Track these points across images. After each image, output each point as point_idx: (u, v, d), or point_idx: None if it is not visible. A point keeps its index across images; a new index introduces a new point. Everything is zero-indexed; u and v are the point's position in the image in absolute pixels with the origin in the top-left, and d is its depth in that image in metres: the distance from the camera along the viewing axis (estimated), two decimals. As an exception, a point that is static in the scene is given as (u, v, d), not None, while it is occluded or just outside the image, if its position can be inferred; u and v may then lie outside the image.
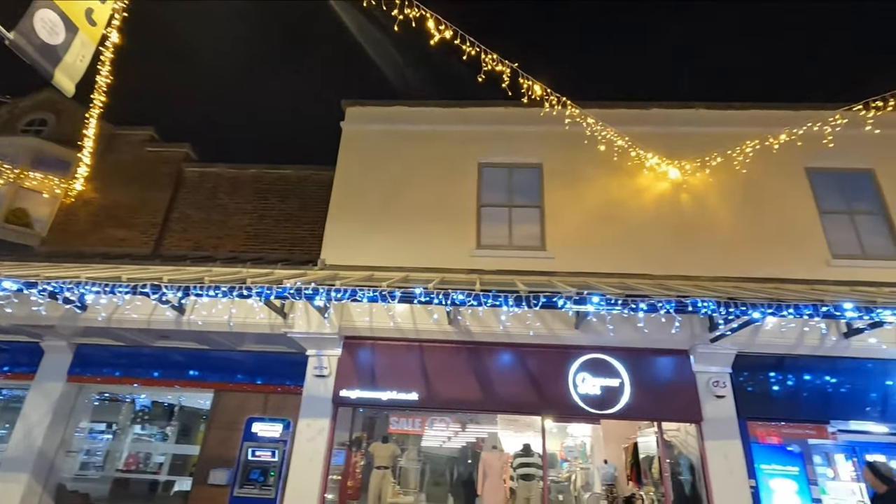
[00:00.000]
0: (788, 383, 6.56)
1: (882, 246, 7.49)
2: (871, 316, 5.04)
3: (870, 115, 6.51)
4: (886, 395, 6.35)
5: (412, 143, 8.51)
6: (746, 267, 7.17)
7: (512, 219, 7.96)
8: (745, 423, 6.26)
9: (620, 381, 6.38)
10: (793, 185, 7.76)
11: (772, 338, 6.33)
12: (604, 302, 4.98)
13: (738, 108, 8.28)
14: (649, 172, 7.80)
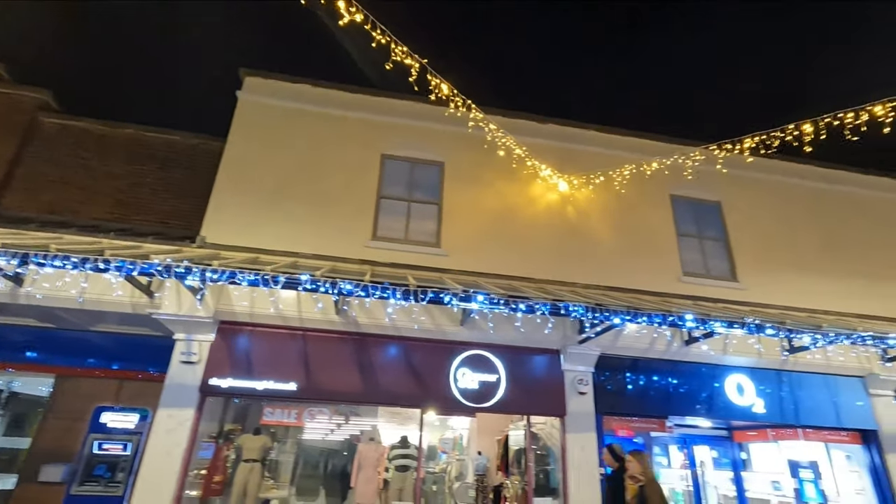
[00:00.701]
0: (640, 383, 7.38)
1: (722, 268, 8.75)
2: (706, 327, 5.88)
3: (722, 155, 7.57)
4: (713, 395, 7.42)
5: (315, 126, 8.18)
6: (615, 277, 7.95)
7: (410, 214, 8.01)
8: (601, 418, 6.94)
9: (498, 376, 6.72)
10: (658, 209, 8.76)
11: (629, 342, 7.10)
12: (487, 301, 5.22)
13: (622, 133, 9.13)
14: (542, 183, 8.32)
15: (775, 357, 7.42)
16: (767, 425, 7.74)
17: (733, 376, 7.48)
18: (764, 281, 8.56)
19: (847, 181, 9.88)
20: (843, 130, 6.56)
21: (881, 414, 7.63)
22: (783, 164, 9.51)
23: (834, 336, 6.14)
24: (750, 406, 7.40)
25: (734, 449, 8.46)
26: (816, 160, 9.50)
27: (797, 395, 7.57)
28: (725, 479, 8.46)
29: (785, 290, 8.54)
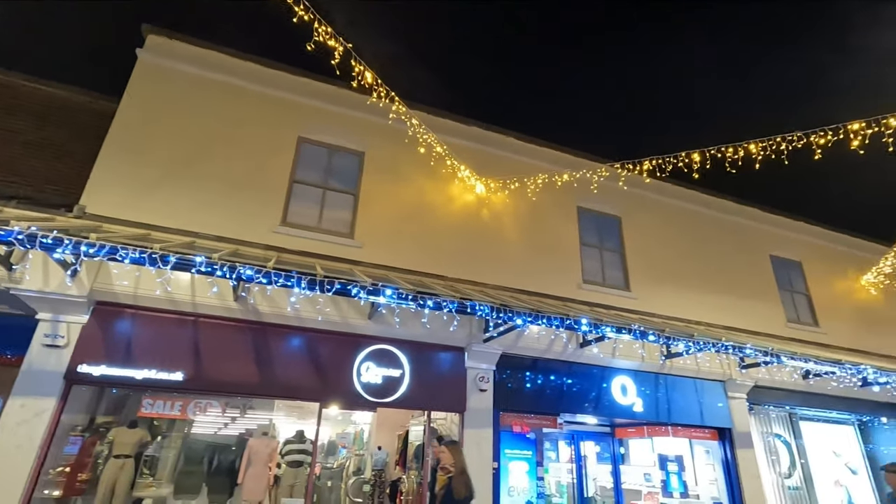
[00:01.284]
0: (538, 382, 7.76)
1: (617, 278, 9.48)
2: (598, 331, 6.34)
3: (624, 174, 8.20)
4: (600, 394, 8.01)
5: (226, 98, 7.62)
6: (522, 280, 8.30)
7: (325, 201, 7.75)
8: (499, 414, 7.21)
9: (402, 371, 6.72)
10: (565, 218, 9.29)
11: (530, 342, 7.44)
12: (396, 295, 5.19)
13: (539, 144, 9.53)
14: (459, 183, 8.46)
15: (655, 361, 8.19)
16: (644, 423, 8.49)
17: (619, 378, 8.13)
18: (651, 292, 9.41)
19: (722, 208, 11.15)
20: (725, 163, 7.39)
21: (735, 414, 8.72)
22: (673, 187, 10.51)
23: (703, 344, 6.91)
24: (631, 405, 8.09)
25: (615, 444, 9.20)
26: (701, 187, 10.64)
27: (670, 396, 8.42)
28: (605, 472, 9.18)
29: (668, 301, 9.45)
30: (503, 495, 6.97)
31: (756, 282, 10.85)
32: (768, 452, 9.25)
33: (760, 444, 9.17)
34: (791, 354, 7.56)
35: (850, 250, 12.81)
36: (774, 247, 11.59)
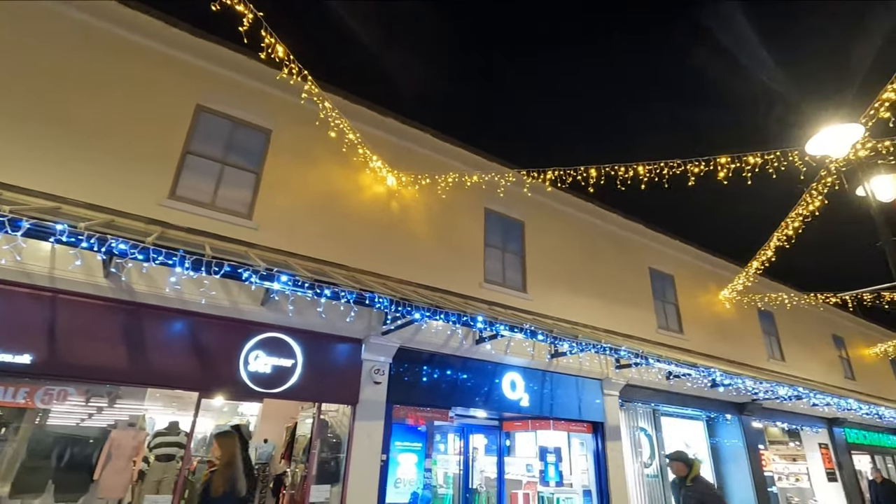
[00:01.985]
0: (434, 376, 7.89)
1: (516, 280, 9.95)
2: (493, 329, 6.60)
3: (529, 181, 8.63)
4: (491, 390, 8.35)
5: (110, 48, 6.79)
6: (426, 276, 8.40)
7: (222, 178, 7.22)
8: (392, 407, 7.23)
9: (294, 361, 6.48)
10: (473, 218, 9.57)
11: (428, 337, 7.56)
12: (291, 282, 4.99)
13: (453, 143, 9.70)
14: (371, 173, 8.34)
15: (543, 359, 8.73)
16: (529, 417, 9.02)
17: (509, 374, 8.54)
18: (545, 294, 10.01)
19: (612, 221, 12.19)
20: (617, 180, 8.07)
21: (608, 410, 9.58)
22: (572, 198, 11.26)
23: (585, 345, 7.50)
24: (519, 400, 8.55)
25: (502, 437, 9.67)
26: (597, 200, 11.53)
27: (554, 392, 9.02)
28: (491, 464, 9.62)
29: (559, 303, 10.12)
30: (390, 487, 7.01)
31: (636, 291, 12.00)
32: (633, 444, 10.30)
33: (627, 436, 10.18)
34: (658, 357, 8.48)
35: (713, 268, 14.67)
36: (653, 260, 12.91)
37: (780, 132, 28.52)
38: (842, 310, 18.66)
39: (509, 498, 8.99)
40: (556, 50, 46.57)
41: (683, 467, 5.09)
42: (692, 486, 4.92)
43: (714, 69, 44.73)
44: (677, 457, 5.29)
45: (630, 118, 44.41)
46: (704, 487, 4.91)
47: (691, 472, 5.05)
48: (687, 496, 4.91)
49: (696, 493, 4.85)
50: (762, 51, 38.47)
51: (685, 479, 5.04)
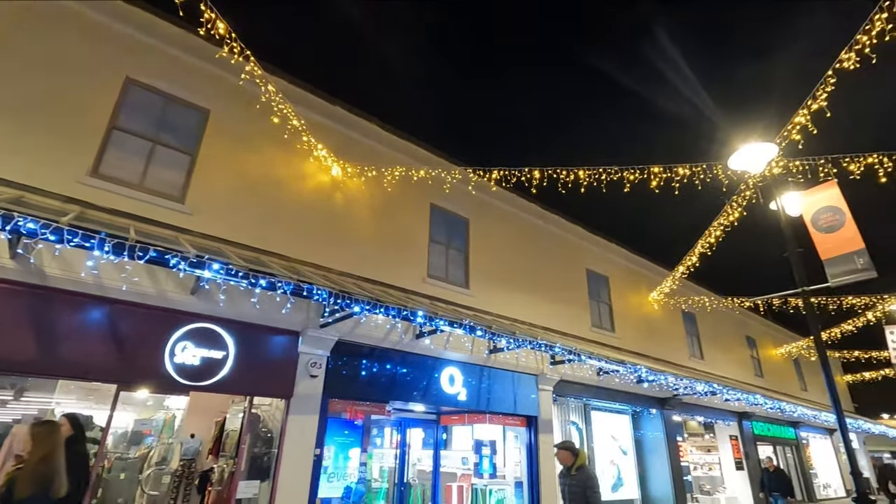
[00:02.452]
0: (373, 370, 7.83)
1: (459, 276, 10.07)
2: (433, 324, 6.66)
3: (474, 178, 8.74)
4: (430, 384, 8.42)
5: (32, 14, 6.18)
6: (369, 269, 8.32)
7: (153, 157, 6.78)
8: (328, 401, 7.12)
9: (225, 353, 6.22)
10: (418, 213, 9.57)
11: (368, 331, 7.50)
12: (224, 271, 4.79)
13: (401, 136, 9.63)
14: (314, 162, 8.13)
15: (481, 355, 8.90)
16: (466, 411, 9.18)
17: (448, 369, 8.65)
18: (487, 291, 10.20)
19: (553, 223, 12.60)
20: (559, 183, 8.34)
21: (542, 404, 9.92)
22: (516, 198, 11.53)
23: (522, 341, 7.72)
24: (456, 395, 8.67)
25: (439, 430, 9.78)
26: (539, 201, 11.87)
27: (491, 386, 9.23)
28: (427, 457, 9.70)
29: (500, 300, 10.35)
30: (323, 482, 6.91)
31: (573, 290, 12.49)
32: (564, 437, 10.74)
33: (559, 430, 10.60)
34: (590, 354, 8.88)
35: (644, 271, 15.53)
36: (590, 262, 13.48)
37: (708, 148, 30.64)
38: (754, 313, 20.39)
39: (443, 490, 9.12)
40: (513, 53, 47.40)
41: (570, 456, 5.11)
42: (576, 475, 4.96)
43: (651, 90, 47.50)
44: (565, 446, 5.29)
45: (576, 128, 46.13)
46: (587, 477, 4.92)
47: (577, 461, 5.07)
48: (571, 485, 4.93)
49: (579, 483, 4.87)
50: (694, 75, 41.34)
51: (570, 468, 5.06)
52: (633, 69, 51.92)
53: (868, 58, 5.55)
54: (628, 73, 51.05)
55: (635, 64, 51.76)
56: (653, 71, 50.22)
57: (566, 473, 5.09)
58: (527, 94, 45.15)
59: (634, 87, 49.30)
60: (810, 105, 6.54)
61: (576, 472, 4.97)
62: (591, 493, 4.80)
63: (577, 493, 4.84)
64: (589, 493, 4.80)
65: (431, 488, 9.31)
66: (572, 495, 4.90)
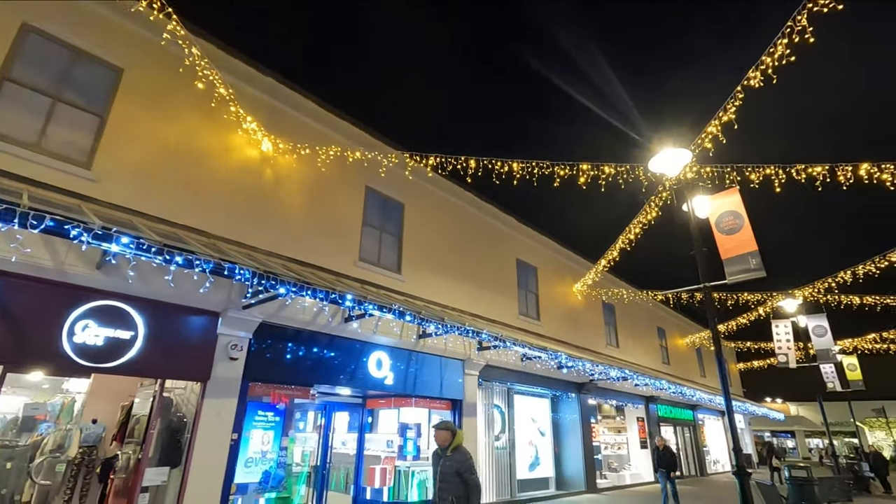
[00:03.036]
0: (299, 353, 7.65)
1: (392, 261, 10.03)
2: (362, 308, 6.60)
3: (411, 163, 8.70)
4: (357, 368, 8.37)
5: None
6: (298, 250, 8.07)
7: (53, 115, 6.11)
8: (248, 384, 6.88)
9: (134, 334, 5.81)
10: (353, 195, 9.39)
11: (294, 313, 7.30)
12: (134, 245, 4.45)
13: (337, 115, 9.35)
14: (243, 135, 7.71)
15: (410, 339, 8.97)
16: (393, 395, 9.24)
17: (376, 353, 8.64)
18: (419, 277, 10.26)
19: (487, 212, 12.88)
20: (493, 174, 8.51)
21: (467, 388, 10.21)
22: (452, 185, 11.63)
23: (450, 327, 7.86)
24: (384, 379, 8.70)
25: (364, 414, 9.78)
26: (474, 190, 12.06)
27: (419, 371, 9.35)
28: (352, 440, 9.69)
29: (431, 286, 10.45)
30: (240, 467, 6.70)
31: (503, 279, 12.87)
32: (487, 420, 11.14)
33: (483, 413, 10.97)
34: (515, 341, 9.23)
35: (571, 263, 16.31)
36: (521, 252, 13.94)
37: (632, 150, 32.56)
38: (665, 306, 22.11)
39: (367, 473, 9.17)
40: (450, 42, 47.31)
41: (448, 436, 4.80)
42: (452, 455, 4.63)
43: (583, 94, 49.43)
44: (445, 426, 4.92)
45: (511, 123, 47.12)
46: (463, 458, 4.60)
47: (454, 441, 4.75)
48: (445, 466, 4.60)
49: (454, 463, 4.56)
50: (621, 84, 43.62)
51: (446, 448, 4.74)
52: (567, 74, 53.75)
53: (770, 77, 6.14)
54: (563, 76, 52.83)
55: (570, 69, 53.68)
56: (586, 77, 52.33)
57: (441, 454, 4.75)
58: (461, 87, 45.33)
59: (567, 88, 50.99)
60: (721, 117, 7.13)
61: (452, 453, 4.65)
62: (469, 474, 4.51)
63: (451, 474, 4.52)
64: (466, 475, 4.51)
65: (355, 471, 9.33)
66: (445, 476, 4.56)
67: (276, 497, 7.06)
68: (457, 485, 4.48)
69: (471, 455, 4.71)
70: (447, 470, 4.55)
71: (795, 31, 5.70)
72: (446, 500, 4.44)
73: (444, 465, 4.60)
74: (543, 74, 54.69)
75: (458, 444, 4.74)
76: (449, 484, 4.49)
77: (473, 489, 4.49)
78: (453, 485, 4.48)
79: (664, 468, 11.22)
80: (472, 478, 4.51)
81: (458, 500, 4.40)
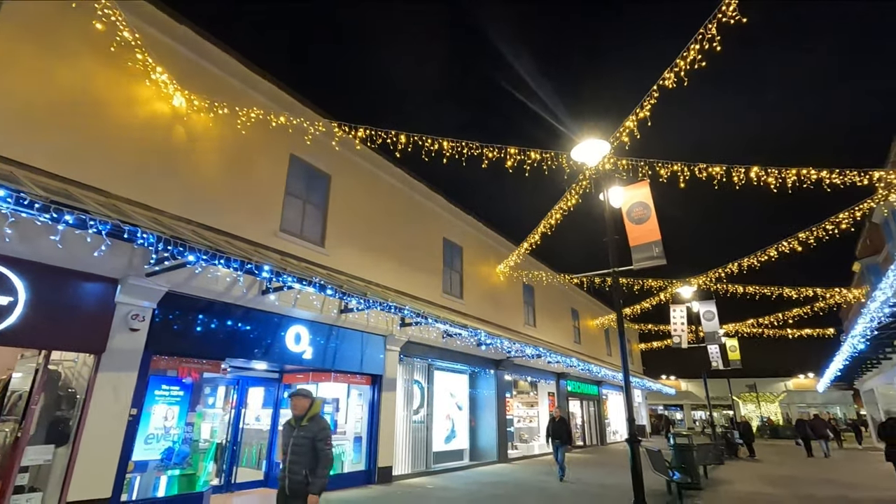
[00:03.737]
0: (211, 325, 7.25)
1: (315, 234, 9.72)
2: (280, 280, 6.37)
3: (339, 133, 8.42)
4: (275, 342, 8.11)
5: None
6: (213, 217, 7.57)
7: None
8: (151, 357, 6.44)
9: (13, 299, 5.19)
10: (275, 163, 8.94)
11: (206, 283, 6.89)
12: (13, 199, 3.96)
13: (263, 76, 8.75)
14: (152, 87, 7.02)
15: (331, 314, 8.83)
16: (312, 369, 9.09)
17: (295, 327, 8.42)
18: (343, 251, 10.06)
19: (416, 189, 12.85)
20: (423, 150, 8.47)
21: (388, 364, 10.28)
22: (381, 160, 11.43)
23: (373, 302, 7.83)
24: (302, 353, 8.51)
25: (280, 389, 9.54)
26: (404, 166, 11.96)
27: (339, 346, 9.25)
28: (267, 416, 9.43)
29: (356, 261, 10.30)
30: (139, 444, 6.30)
31: (429, 257, 12.98)
32: (407, 395, 11.32)
33: (402, 388, 11.12)
34: (436, 318, 9.40)
35: (495, 245, 16.78)
36: (448, 231, 14.11)
37: (558, 140, 33.86)
38: (580, 289, 23.51)
39: (280, 448, 9.01)
40: (393, 8, 45.90)
41: (307, 403, 4.38)
42: (307, 425, 4.25)
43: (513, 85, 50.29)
44: (302, 393, 4.47)
45: (446, 112, 47.05)
46: (319, 428, 4.24)
47: (311, 410, 4.37)
48: (298, 437, 4.20)
49: (308, 434, 4.20)
50: (548, 77, 45.01)
51: (301, 418, 4.33)
52: (501, 64, 54.24)
53: (683, 80, 6.62)
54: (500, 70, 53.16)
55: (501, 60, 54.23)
56: (516, 68, 53.19)
57: (294, 424, 4.35)
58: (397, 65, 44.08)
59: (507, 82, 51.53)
60: (638, 113, 7.60)
61: (307, 423, 4.27)
62: (323, 444, 4.16)
63: (305, 444, 4.16)
64: (320, 446, 4.16)
65: (268, 446, 9.12)
66: (297, 448, 4.17)
67: (179, 474, 6.74)
68: (311, 456, 4.15)
69: (328, 425, 4.38)
70: (301, 441, 4.18)
71: (706, 38, 6.17)
72: (298, 474, 4.10)
73: (297, 436, 4.21)
74: (480, 64, 54.43)
75: (314, 414, 4.37)
76: (302, 456, 4.13)
77: (325, 461, 4.15)
78: (307, 456, 4.14)
79: (558, 439, 11.22)
80: (327, 449, 4.17)
81: (312, 472, 4.10)
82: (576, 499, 8.72)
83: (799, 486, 10.48)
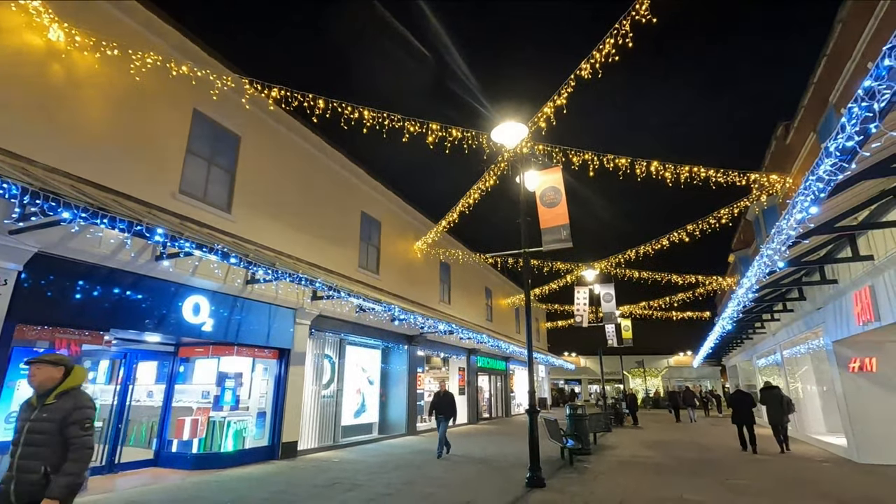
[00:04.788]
0: (93, 293, 6.52)
1: (221, 198, 9.03)
2: (176, 245, 5.86)
3: (251, 91, 7.82)
4: (170, 312, 7.49)
5: None
6: (98, 173, 6.75)
7: None
8: (15, 326, 5.67)
9: None
10: (176, 116, 8.11)
11: (87, 245, 6.17)
12: None
13: (164, 18, 7.83)
14: (19, 13, 6.00)
15: (235, 284, 8.33)
16: (212, 342, 8.56)
17: (194, 297, 7.83)
18: (253, 219, 9.48)
19: (334, 158, 12.39)
20: (342, 118, 8.14)
21: (297, 338, 9.96)
22: (297, 124, 10.83)
23: (282, 274, 7.49)
24: (201, 325, 7.96)
25: (176, 363, 8.89)
26: (322, 133, 11.44)
27: (244, 318, 8.77)
28: (160, 392, 8.76)
29: (266, 230, 9.77)
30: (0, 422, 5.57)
31: (345, 230, 12.65)
32: (316, 370, 11.08)
33: (311, 363, 10.86)
34: (350, 292, 9.22)
35: (414, 221, 16.76)
36: (366, 205, 13.82)
37: (477, 118, 34.46)
38: (494, 268, 24.33)
39: (174, 425, 8.45)
40: (319, -35, 43.20)
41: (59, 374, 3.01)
42: (55, 403, 2.91)
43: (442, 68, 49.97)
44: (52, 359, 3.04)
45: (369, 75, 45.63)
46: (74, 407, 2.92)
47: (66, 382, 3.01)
48: (40, 419, 2.87)
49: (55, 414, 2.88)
50: (471, 59, 45.39)
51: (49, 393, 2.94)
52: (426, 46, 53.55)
53: (597, 72, 6.95)
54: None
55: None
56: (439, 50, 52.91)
57: (36, 403, 2.95)
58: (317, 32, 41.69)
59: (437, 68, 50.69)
60: (555, 100, 7.87)
61: (55, 400, 2.92)
62: (78, 429, 2.87)
63: (49, 430, 2.84)
64: (72, 431, 2.86)
65: (160, 423, 8.51)
66: (35, 436, 2.85)
67: (50, 455, 6.06)
68: (55, 446, 2.85)
69: (91, 402, 3.06)
70: (41, 426, 2.85)
71: (620, 34, 6.50)
72: (33, 472, 2.78)
73: (36, 419, 2.88)
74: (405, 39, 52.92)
75: (72, 388, 3.02)
76: (41, 447, 2.82)
77: (79, 451, 2.87)
78: (49, 448, 2.83)
79: (441, 414, 10.54)
80: (84, 436, 2.89)
81: (54, 469, 2.79)
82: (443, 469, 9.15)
83: (670, 449, 11.87)
